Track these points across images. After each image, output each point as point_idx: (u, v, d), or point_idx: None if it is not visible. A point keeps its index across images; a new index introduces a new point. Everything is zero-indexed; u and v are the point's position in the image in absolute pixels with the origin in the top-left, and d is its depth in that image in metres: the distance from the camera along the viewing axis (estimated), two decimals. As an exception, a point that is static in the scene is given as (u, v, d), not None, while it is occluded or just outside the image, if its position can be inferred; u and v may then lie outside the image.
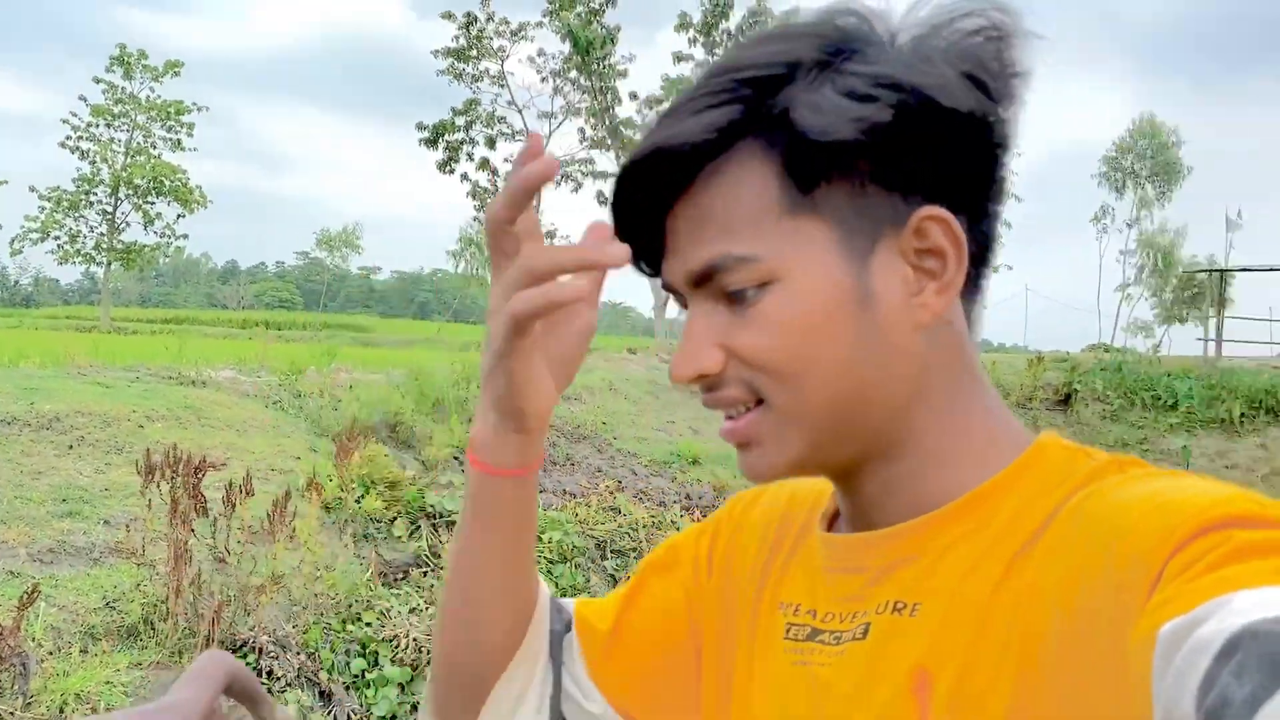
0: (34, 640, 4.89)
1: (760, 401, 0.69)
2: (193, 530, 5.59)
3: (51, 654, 4.98)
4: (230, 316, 46.93)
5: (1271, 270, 24.97)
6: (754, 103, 0.66)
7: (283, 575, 6.00)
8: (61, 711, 4.69)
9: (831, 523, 0.81)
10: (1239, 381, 17.40)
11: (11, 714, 4.56)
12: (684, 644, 0.87)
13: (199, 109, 35.18)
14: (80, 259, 35.83)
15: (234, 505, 5.79)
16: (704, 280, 0.69)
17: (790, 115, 0.66)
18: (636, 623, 0.89)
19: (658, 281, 0.76)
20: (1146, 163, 38.94)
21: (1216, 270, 28.22)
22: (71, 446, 7.03)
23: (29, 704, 4.64)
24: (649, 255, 0.73)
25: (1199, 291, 34.09)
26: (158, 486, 5.59)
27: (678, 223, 0.70)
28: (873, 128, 0.64)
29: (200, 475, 5.55)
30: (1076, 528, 0.61)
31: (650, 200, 0.70)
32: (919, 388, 0.69)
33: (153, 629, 5.51)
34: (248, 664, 5.75)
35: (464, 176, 25.72)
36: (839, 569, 0.74)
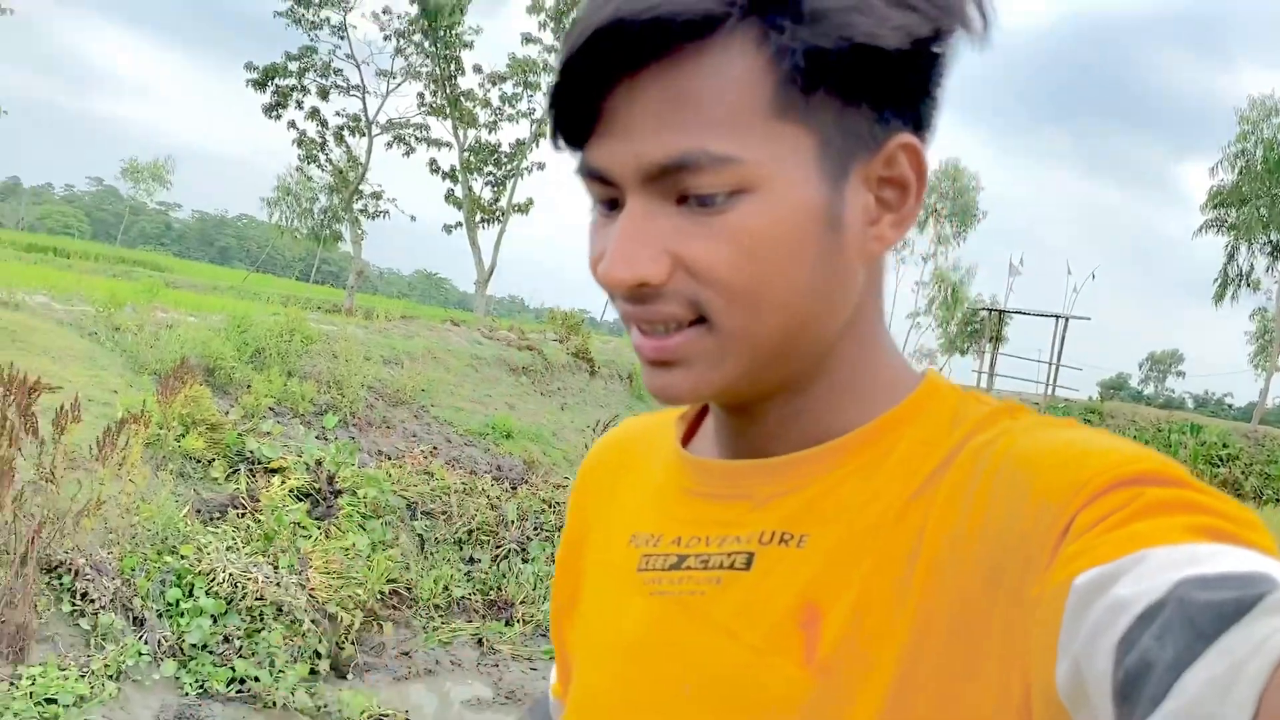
0: None
1: (697, 321, 0.62)
2: (19, 450, 5.63)
3: None
4: (14, 237, 43.60)
5: (1043, 315, 27.55)
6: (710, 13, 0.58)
7: (104, 503, 6.08)
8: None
9: (690, 436, 0.78)
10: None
11: None
12: None
13: (2, 11, 32.53)
14: None
15: (62, 429, 5.84)
16: (662, 175, 0.60)
17: (811, 5, 0.58)
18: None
19: (483, 255, 0.81)
20: (948, 203, 41.94)
21: (995, 310, 30.92)
22: (-121, 355, 6.81)
23: None
24: (575, 131, 0.62)
25: (980, 328, 36.99)
26: (-13, 403, 5.59)
27: (638, 102, 0.59)
28: (914, 41, 0.60)
29: (34, 395, 5.59)
30: (982, 470, 0.59)
31: (610, 70, 0.59)
32: (848, 320, 0.66)
33: (-33, 543, 5.52)
34: (62, 585, 5.84)
35: (291, 124, 24.95)
36: (714, 494, 0.71)
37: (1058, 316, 25.53)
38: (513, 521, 9.61)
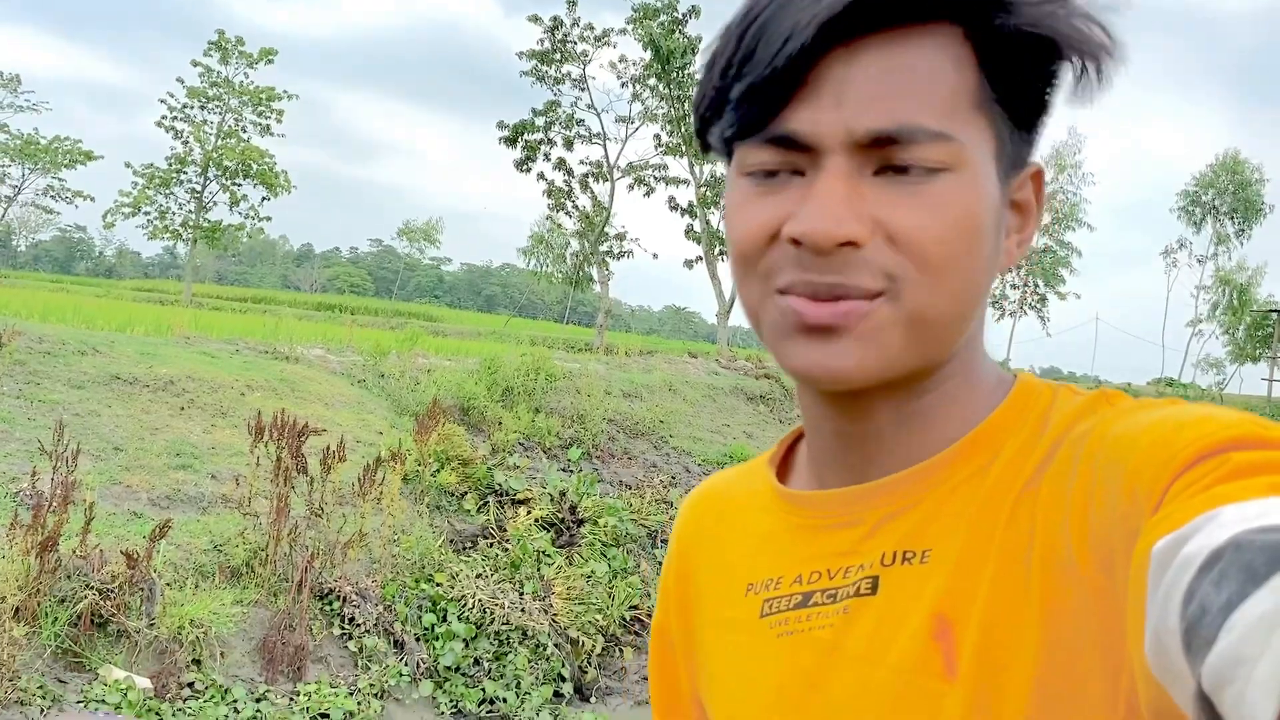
0: (155, 572, 5.59)
1: (877, 296, 0.62)
2: (293, 487, 6.27)
3: (169, 585, 5.68)
4: (307, 299, 48.38)
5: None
6: None
7: (366, 534, 6.66)
8: (179, 633, 5.38)
9: (783, 478, 0.78)
10: (1299, 423, 17.39)
11: (138, 631, 5.26)
12: None
13: (289, 97, 36.29)
14: (168, 235, 37.09)
15: (329, 468, 6.47)
16: (872, 145, 0.61)
17: (1015, 10, 0.61)
18: None
19: (724, 286, 1.04)
20: (1227, 199, 38.50)
21: (1286, 311, 28.04)
22: (183, 408, 7.81)
23: (152, 624, 5.33)
24: (772, 100, 0.62)
25: (1272, 331, 33.68)
26: (265, 447, 6.28)
27: (855, 70, 0.61)
28: (1083, 56, 0.62)
29: (303, 439, 6.23)
30: (1079, 458, 0.60)
31: (830, 38, 0.60)
32: (973, 326, 0.68)
33: (253, 572, 6.20)
34: (333, 610, 6.44)
35: (540, 176, 26.30)
36: (826, 525, 0.70)
37: (1364, 314, 22.81)
38: (752, 549, 9.67)
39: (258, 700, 5.55)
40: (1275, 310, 31.11)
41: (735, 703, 0.74)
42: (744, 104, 0.62)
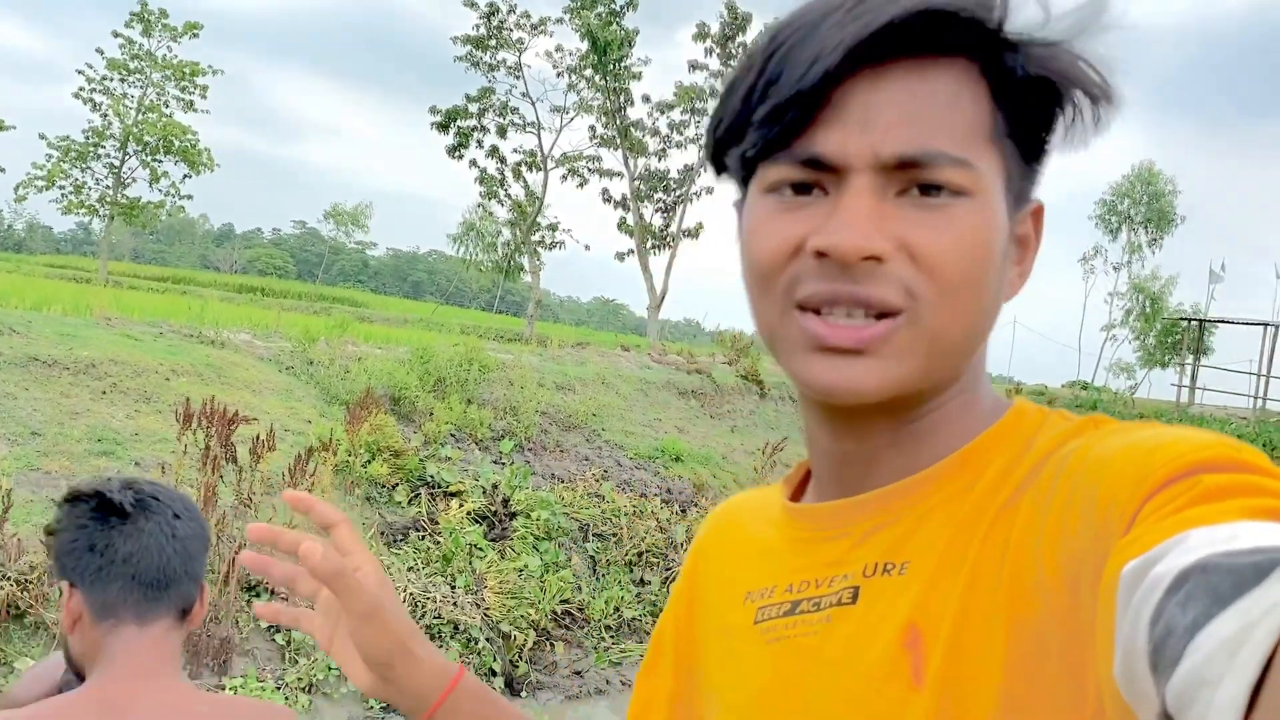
0: (76, 562, 5.41)
1: (892, 315, 0.64)
2: (221, 477, 6.12)
3: (90, 576, 5.51)
4: (227, 280, 47.27)
5: (1249, 324, 25.69)
6: (984, 20, 0.64)
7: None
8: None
9: (796, 498, 0.81)
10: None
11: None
12: None
13: (214, 72, 35.35)
14: (83, 210, 35.85)
15: (259, 457, 6.32)
16: (898, 167, 0.63)
17: (1027, 52, 0.65)
18: None
19: (655, 280, 1.02)
20: (1141, 208, 39.64)
21: (1195, 319, 29.05)
22: (105, 392, 7.56)
23: (72, 616, 5.17)
24: (797, 119, 0.64)
25: (1181, 338, 34.81)
26: (193, 434, 6.12)
27: (881, 95, 0.63)
28: (1082, 99, 0.66)
29: (233, 427, 6.08)
30: (1059, 481, 0.60)
31: (858, 60, 0.62)
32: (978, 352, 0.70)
33: (178, 563, 6.04)
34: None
35: (473, 163, 26.01)
36: (819, 537, 0.73)
37: (1266, 324, 23.74)
38: (682, 544, 9.70)
39: (181, 695, 5.41)
40: (1185, 318, 32.22)
41: (726, 706, 0.77)
42: (767, 124, 0.64)
